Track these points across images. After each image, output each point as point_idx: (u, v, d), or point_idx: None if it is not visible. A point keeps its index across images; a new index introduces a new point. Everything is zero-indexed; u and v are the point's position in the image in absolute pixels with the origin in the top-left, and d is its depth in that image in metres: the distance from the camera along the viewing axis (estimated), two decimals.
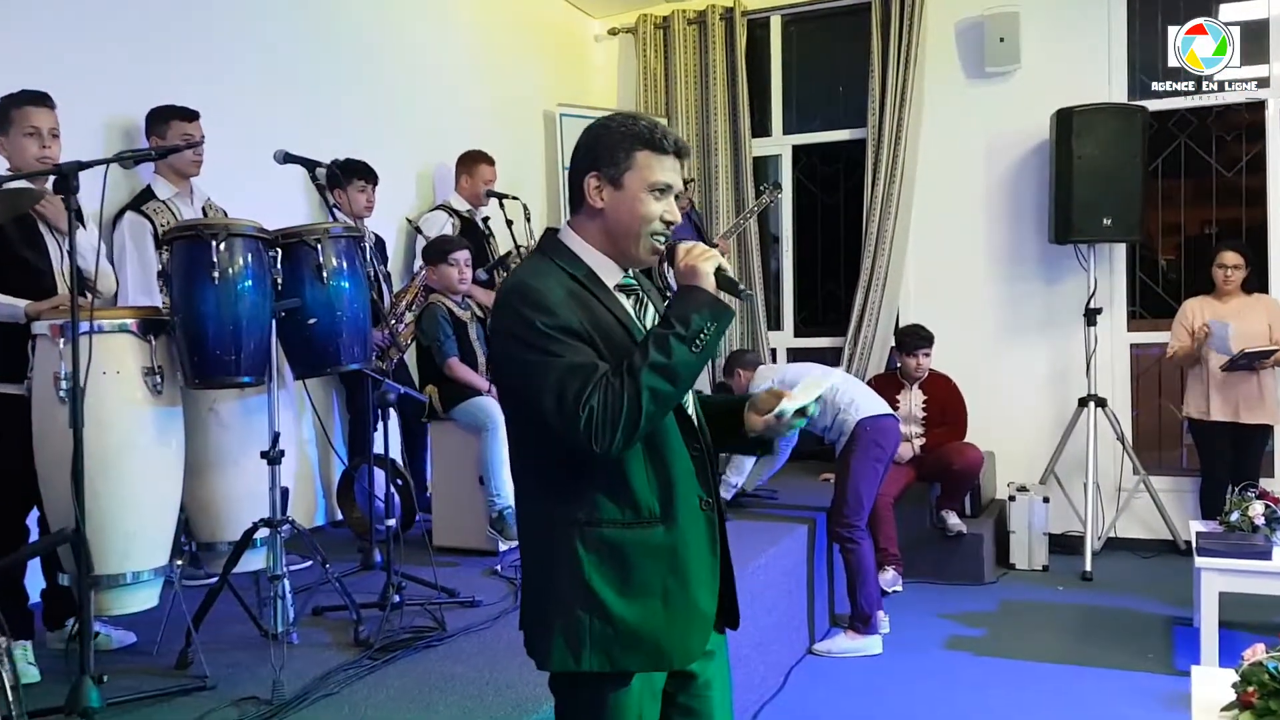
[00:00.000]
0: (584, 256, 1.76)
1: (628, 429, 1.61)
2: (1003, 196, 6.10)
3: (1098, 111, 5.50)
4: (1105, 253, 5.83)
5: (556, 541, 1.72)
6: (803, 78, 6.86)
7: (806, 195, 6.87)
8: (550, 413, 1.63)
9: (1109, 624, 4.66)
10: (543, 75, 6.48)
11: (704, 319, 1.65)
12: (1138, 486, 5.71)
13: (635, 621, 1.70)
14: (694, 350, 1.64)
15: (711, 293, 1.69)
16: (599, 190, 1.72)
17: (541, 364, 1.63)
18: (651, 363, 1.62)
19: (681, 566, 1.74)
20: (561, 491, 1.73)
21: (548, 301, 1.65)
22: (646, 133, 1.72)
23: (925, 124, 6.18)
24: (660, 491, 1.73)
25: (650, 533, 1.71)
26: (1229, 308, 5.05)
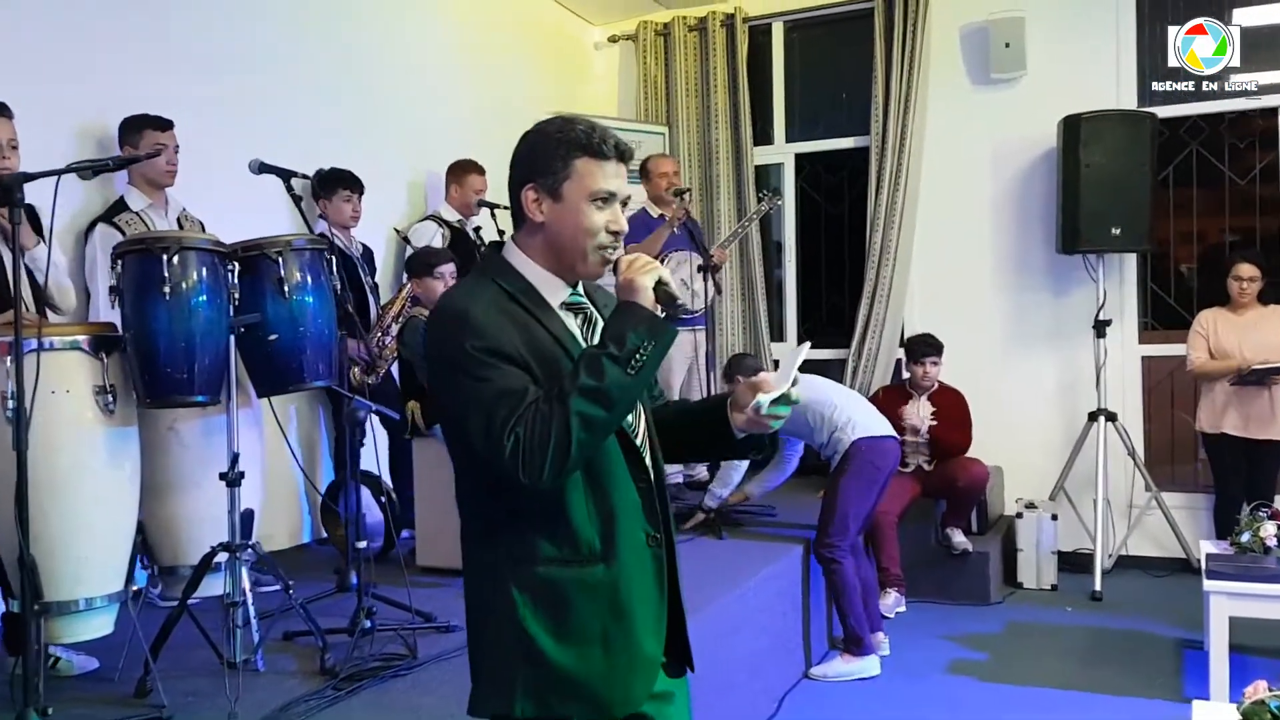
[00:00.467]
0: (526, 273, 1.64)
1: (557, 459, 1.48)
2: (1009, 205, 5.96)
3: (1105, 118, 5.35)
4: (1115, 263, 5.67)
5: (491, 580, 1.62)
6: (805, 85, 6.74)
7: (810, 204, 6.75)
8: (478, 441, 1.52)
9: (1118, 647, 4.50)
10: (540, 82, 6.38)
11: (640, 337, 1.53)
12: (1149, 503, 5.55)
13: (572, 667, 1.59)
14: (629, 372, 1.52)
15: (649, 309, 1.57)
16: (537, 203, 1.61)
17: (470, 389, 1.52)
18: (581, 386, 1.50)
19: (623, 607, 1.61)
20: (496, 526, 1.61)
21: (478, 322, 1.54)
22: (584, 137, 1.59)
23: (929, 131, 6.05)
24: (601, 527, 1.60)
25: (589, 571, 1.59)
26: (1245, 320, 4.90)
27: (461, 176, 4.99)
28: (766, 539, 4.52)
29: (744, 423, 1.69)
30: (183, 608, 2.70)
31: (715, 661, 3.13)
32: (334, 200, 4.43)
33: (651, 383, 1.79)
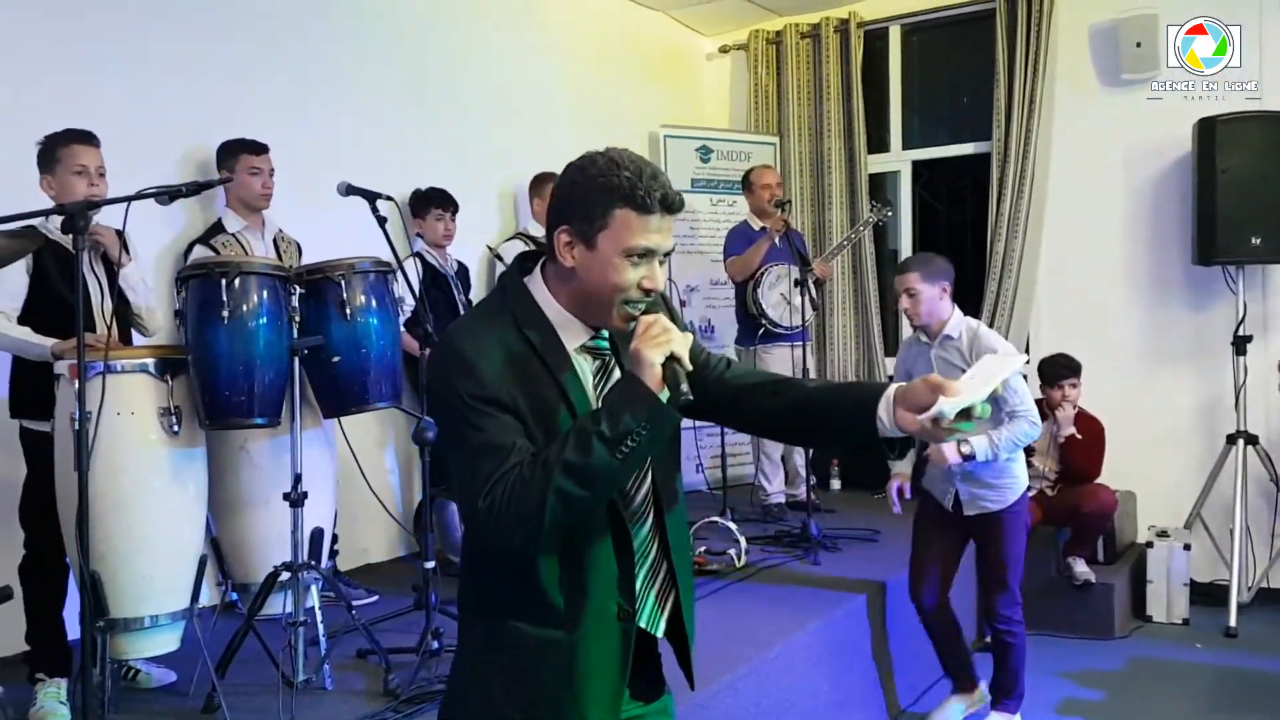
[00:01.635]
0: (547, 311, 1.54)
1: (528, 530, 1.42)
2: (1142, 214, 5.58)
3: (1244, 120, 4.95)
4: (1256, 274, 5.23)
5: (469, 626, 1.61)
6: (923, 90, 6.51)
7: (929, 212, 6.50)
8: (462, 491, 1.47)
9: (1250, 689, 4.14)
10: (649, 95, 6.36)
11: (636, 421, 1.40)
12: None
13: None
14: (616, 457, 1.40)
15: (653, 390, 1.43)
16: (570, 247, 1.49)
17: (460, 436, 1.46)
18: (565, 461, 1.40)
19: (577, 678, 1.54)
20: (479, 575, 1.59)
21: (478, 369, 1.46)
22: (629, 186, 1.46)
23: (1056, 136, 5.73)
24: (569, 595, 1.52)
25: (551, 634, 1.53)
26: None
27: (541, 188, 4.98)
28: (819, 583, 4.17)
29: (913, 425, 1.48)
30: (249, 625, 2.76)
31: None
32: (428, 219, 4.49)
33: (725, 360, 1.70)
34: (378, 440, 4.59)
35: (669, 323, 1.48)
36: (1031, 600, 4.75)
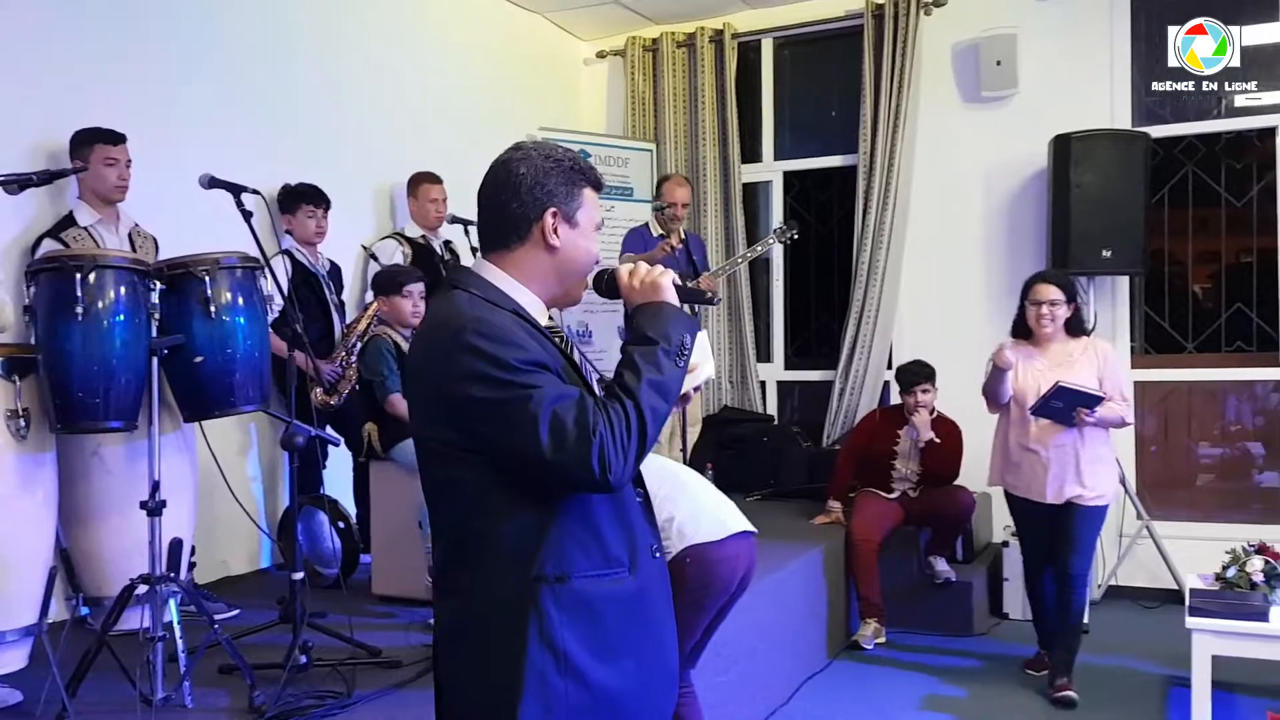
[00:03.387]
0: (514, 295, 1.64)
1: (636, 454, 1.51)
2: (1000, 226, 5.83)
3: (1096, 138, 5.23)
4: (1107, 285, 5.54)
5: (518, 602, 1.54)
6: (795, 102, 6.64)
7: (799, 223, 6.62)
8: (547, 449, 1.46)
9: (1102, 684, 4.33)
10: (527, 98, 6.30)
11: (681, 331, 1.60)
12: (1140, 532, 5.39)
13: (614, 685, 1.57)
14: (679, 365, 1.58)
15: (679, 306, 1.64)
16: (556, 228, 1.64)
17: (522, 400, 1.48)
18: (649, 380, 1.53)
19: (649, 618, 1.64)
20: (519, 547, 1.55)
21: (514, 336, 1.52)
22: (590, 171, 1.69)
23: (920, 150, 5.94)
24: (625, 538, 1.62)
25: (621, 585, 1.59)
26: (1048, 355, 4.14)
27: (416, 188, 4.87)
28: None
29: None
30: (102, 641, 2.59)
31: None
32: (298, 215, 4.35)
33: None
34: (240, 446, 4.40)
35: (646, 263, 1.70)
36: (895, 599, 4.94)
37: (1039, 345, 4.16)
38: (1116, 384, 4.07)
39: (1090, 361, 4.07)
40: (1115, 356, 4.19)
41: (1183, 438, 5.93)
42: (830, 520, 5.16)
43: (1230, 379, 5.65)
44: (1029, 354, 4.17)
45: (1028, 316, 4.13)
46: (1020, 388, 4.13)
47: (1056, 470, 4.08)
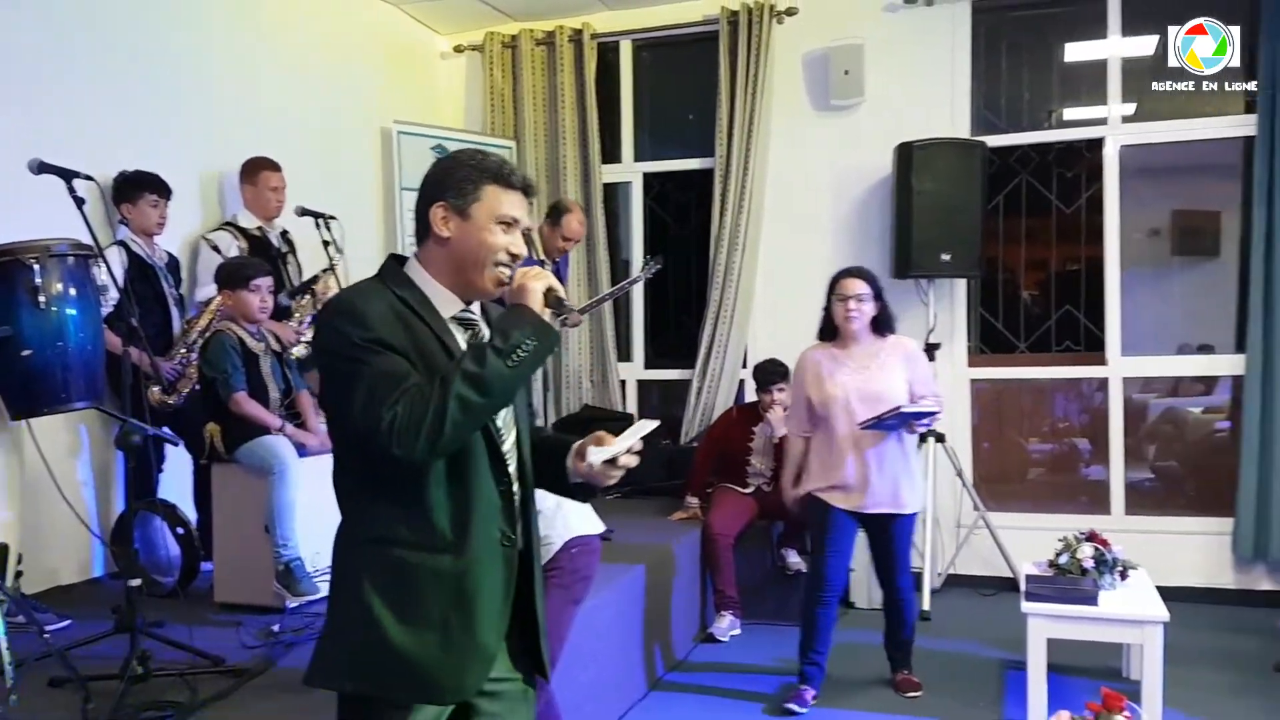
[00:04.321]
0: (422, 286, 1.80)
1: (432, 435, 1.62)
2: (848, 230, 6.03)
3: (937, 146, 5.47)
4: (946, 288, 5.80)
5: (349, 559, 1.75)
6: (654, 104, 6.71)
7: (659, 225, 6.71)
8: (357, 418, 1.64)
9: (944, 668, 4.53)
10: (381, 90, 6.16)
11: (524, 335, 1.69)
12: (977, 523, 5.66)
13: (410, 649, 1.69)
14: (509, 365, 1.67)
15: (536, 311, 1.73)
16: (445, 220, 1.77)
17: (353, 373, 1.66)
18: (464, 371, 1.65)
19: (467, 598, 1.73)
20: (362, 509, 1.75)
21: (366, 317, 1.68)
22: (495, 168, 1.80)
23: (772, 155, 6.08)
24: (456, 519, 1.73)
25: (439, 559, 1.71)
26: (854, 356, 4.00)
27: (254, 175, 4.66)
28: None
29: (583, 471, 1.87)
30: None
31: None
32: (139, 204, 4.13)
33: (529, 401, 2.00)
34: (70, 447, 4.13)
35: (539, 268, 1.81)
36: (750, 591, 5.05)
37: (845, 345, 4.00)
38: (926, 382, 4.01)
39: (898, 361, 3.97)
40: (922, 354, 4.10)
41: (1016, 434, 6.27)
42: (688, 516, 5.24)
43: (1060, 377, 6.00)
44: (834, 357, 4.00)
45: (835, 313, 3.97)
46: (828, 395, 3.95)
47: (875, 481, 3.92)
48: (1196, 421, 6.07)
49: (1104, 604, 3.73)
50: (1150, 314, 5.87)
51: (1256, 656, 4.46)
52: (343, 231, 4.57)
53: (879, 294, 3.98)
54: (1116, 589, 3.85)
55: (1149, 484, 5.94)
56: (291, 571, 3.49)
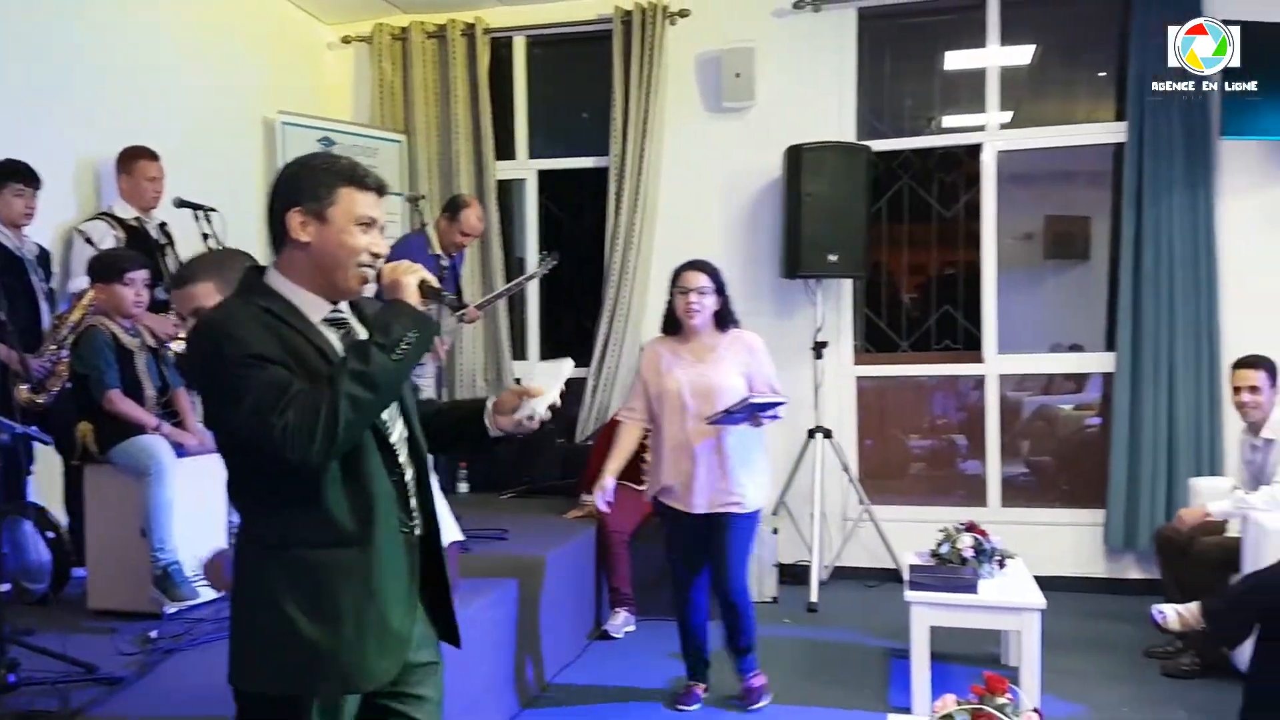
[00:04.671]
0: (286, 294, 1.82)
1: (326, 437, 1.66)
2: (740, 230, 6.11)
3: (824, 149, 5.59)
4: (833, 288, 5.94)
5: (254, 562, 1.79)
6: (548, 101, 6.68)
7: (554, 222, 6.69)
8: (246, 428, 1.67)
9: (832, 658, 4.66)
10: (265, 80, 5.98)
11: (405, 328, 1.76)
12: (862, 516, 5.82)
13: (324, 643, 1.74)
14: (394, 358, 1.73)
15: (413, 304, 1.80)
16: (304, 225, 1.79)
17: (235, 386, 1.68)
18: (350, 370, 1.70)
19: (375, 589, 1.79)
20: (261, 514, 1.79)
21: (238, 332, 1.70)
22: (349, 170, 1.83)
23: (666, 155, 6.13)
24: (355, 514, 1.78)
25: (343, 554, 1.77)
26: (694, 350, 3.86)
27: (130, 164, 4.47)
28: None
29: (510, 425, 2.00)
30: None
31: None
32: (4, 195, 3.94)
33: (415, 387, 2.08)
34: None
35: (409, 261, 1.87)
36: (646, 589, 5.07)
37: (686, 339, 3.87)
38: (765, 377, 3.87)
39: (737, 354, 3.84)
40: (764, 349, 3.93)
41: (899, 430, 6.47)
42: (583, 514, 5.24)
43: (940, 374, 6.21)
44: (675, 350, 3.88)
45: (676, 306, 3.84)
46: (664, 388, 3.83)
47: (701, 479, 3.77)
48: (1068, 418, 6.36)
49: (983, 592, 3.86)
50: (1024, 315, 6.12)
51: (1128, 642, 4.68)
52: (223, 224, 4.45)
53: (721, 288, 3.85)
54: (995, 577, 3.99)
55: (1023, 478, 6.19)
56: (170, 576, 3.36)
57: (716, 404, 3.70)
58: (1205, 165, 5.38)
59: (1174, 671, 4.26)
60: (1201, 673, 4.20)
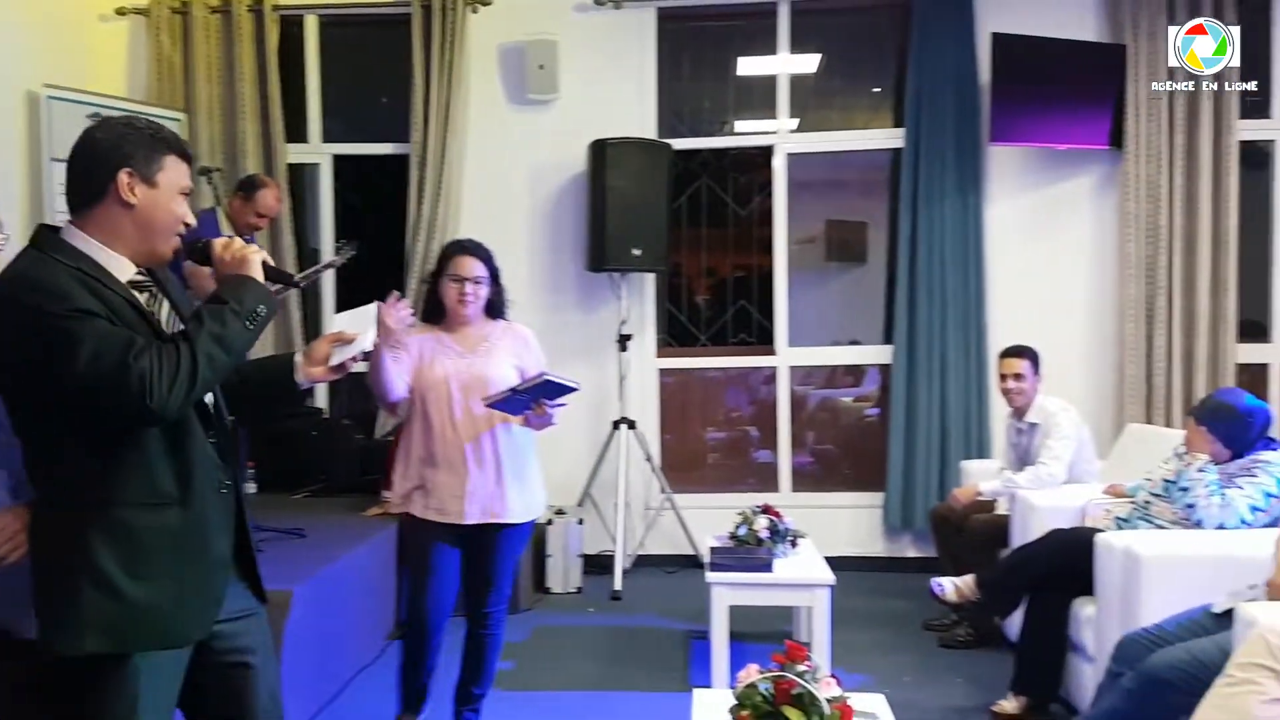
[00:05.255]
0: (90, 253, 1.82)
1: (183, 390, 1.72)
2: (545, 223, 6.11)
3: (627, 145, 5.68)
4: (637, 282, 6.04)
5: (64, 523, 1.79)
6: (344, 85, 6.45)
7: (351, 211, 6.46)
8: (90, 376, 1.68)
9: (635, 644, 4.74)
10: (28, 52, 5.47)
11: (257, 300, 1.87)
12: (664, 504, 5.95)
13: (146, 601, 1.78)
14: (248, 326, 1.84)
15: (262, 283, 1.91)
16: (131, 187, 1.82)
17: (67, 339, 1.67)
18: (209, 331, 1.78)
19: (199, 549, 1.87)
20: (77, 473, 1.78)
21: (55, 287, 1.71)
22: (174, 139, 1.90)
23: (470, 146, 6.04)
24: (178, 475, 1.84)
25: (166, 513, 1.82)
26: (462, 339, 3.34)
27: None
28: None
29: (322, 374, 2.14)
30: None
31: None
32: None
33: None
34: None
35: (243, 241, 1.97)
36: None
37: (452, 328, 3.35)
38: (538, 367, 3.37)
39: (510, 346, 3.38)
40: (537, 343, 3.49)
41: (698, 420, 6.66)
42: (383, 511, 5.09)
43: (736, 366, 6.44)
44: (440, 340, 3.32)
45: (445, 294, 3.32)
46: (429, 382, 3.26)
47: (479, 482, 3.24)
48: (849, 409, 6.74)
49: (778, 571, 4.03)
50: (811, 313, 6.43)
51: (907, 616, 5.01)
52: None
53: (495, 276, 3.39)
54: (789, 557, 4.18)
55: (810, 466, 6.51)
56: None
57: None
58: (975, 171, 5.82)
59: (950, 642, 4.60)
60: (976, 643, 4.55)
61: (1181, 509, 3.63)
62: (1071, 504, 4.26)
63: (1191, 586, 3.10)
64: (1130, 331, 5.69)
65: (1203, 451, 3.60)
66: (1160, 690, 2.73)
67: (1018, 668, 3.80)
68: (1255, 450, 3.61)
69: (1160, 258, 5.67)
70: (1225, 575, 3.05)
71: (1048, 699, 3.77)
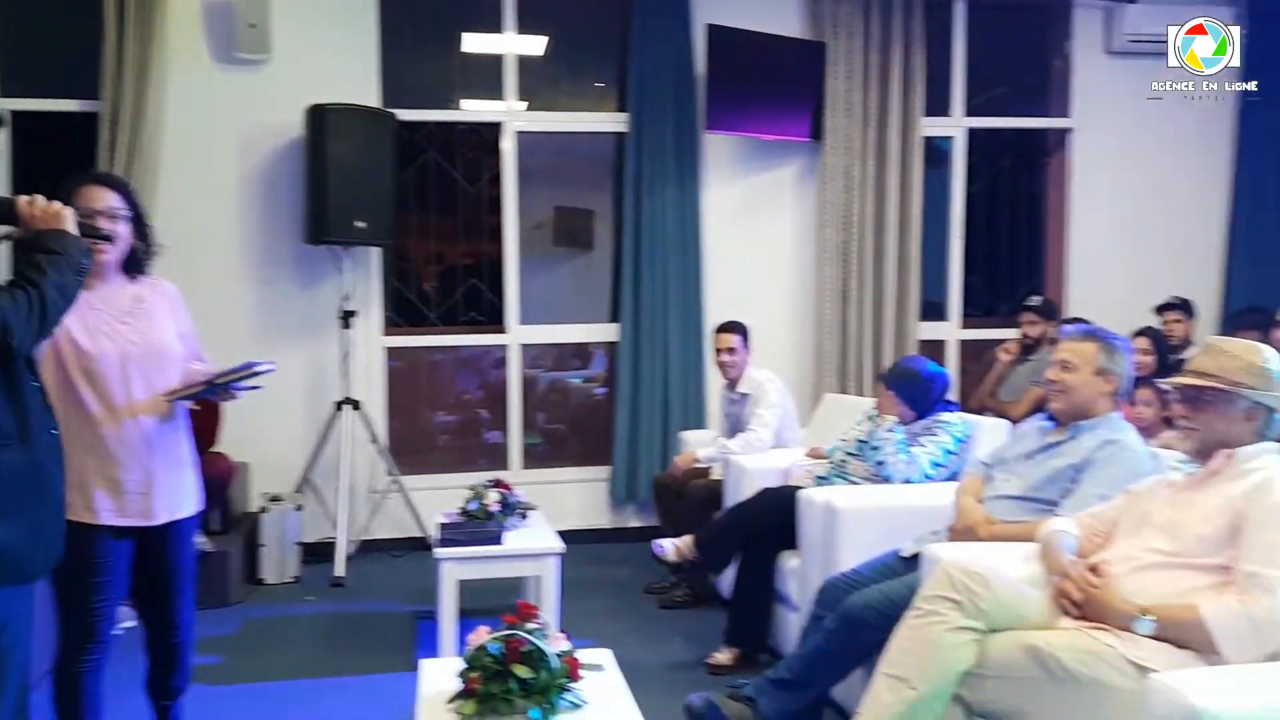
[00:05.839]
0: None
1: (36, 329, 1.87)
2: (257, 192, 5.75)
3: (349, 112, 5.44)
4: (362, 256, 5.82)
5: None
6: (20, 34, 5.76)
7: (30, 173, 5.80)
8: None
9: (357, 629, 4.60)
10: None
11: (81, 253, 2.02)
12: (390, 487, 5.80)
13: (5, 539, 1.83)
14: (77, 277, 1.99)
15: (78, 236, 2.05)
16: None
17: None
18: (53, 280, 1.90)
19: (44, 486, 1.95)
20: None
21: None
22: None
23: (170, 106, 5.55)
24: (15, 415, 1.88)
25: (9, 454, 1.86)
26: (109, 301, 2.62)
27: None
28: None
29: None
30: None
31: None
32: None
33: None
34: None
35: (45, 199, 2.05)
36: None
37: (90, 285, 2.52)
38: (194, 339, 2.87)
39: (166, 308, 2.76)
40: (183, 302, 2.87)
41: (428, 401, 6.54)
42: None
43: (467, 344, 6.37)
44: (86, 301, 2.50)
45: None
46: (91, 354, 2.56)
47: (164, 475, 2.68)
48: (578, 389, 6.86)
49: (508, 542, 4.04)
50: (541, 295, 6.45)
51: (630, 582, 5.19)
52: None
53: (140, 215, 2.73)
54: (519, 529, 4.19)
55: (540, 447, 6.56)
56: None
57: (166, 371, 2.68)
58: (693, 158, 6.06)
59: (669, 603, 4.80)
60: (693, 603, 4.78)
61: (873, 465, 3.96)
62: (778, 466, 4.58)
63: (883, 534, 3.39)
64: (827, 310, 6.16)
65: (891, 413, 3.96)
66: (858, 628, 2.96)
67: (730, 621, 4.02)
68: (936, 411, 4.01)
69: (853, 243, 6.17)
70: (912, 523, 3.36)
71: (758, 649, 4.01)
